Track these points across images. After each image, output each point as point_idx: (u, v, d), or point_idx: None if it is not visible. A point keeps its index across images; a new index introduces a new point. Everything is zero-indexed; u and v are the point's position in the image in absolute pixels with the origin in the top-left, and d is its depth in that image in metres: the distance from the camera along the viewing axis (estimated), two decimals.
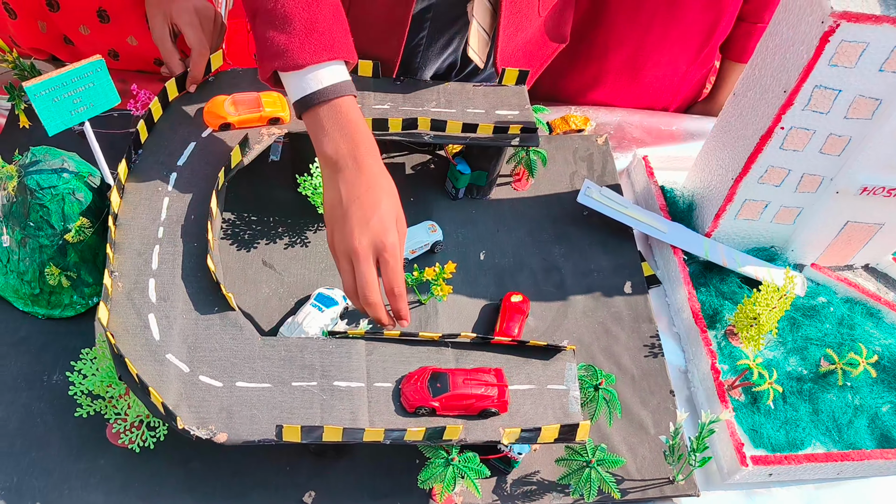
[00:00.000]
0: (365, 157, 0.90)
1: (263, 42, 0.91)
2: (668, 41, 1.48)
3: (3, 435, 0.94)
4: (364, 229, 0.87)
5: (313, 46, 0.89)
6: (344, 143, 0.90)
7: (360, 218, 0.87)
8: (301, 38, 0.89)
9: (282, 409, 0.87)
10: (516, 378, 0.95)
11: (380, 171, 0.91)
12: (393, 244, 0.89)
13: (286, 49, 0.89)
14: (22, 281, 1.00)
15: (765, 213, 1.23)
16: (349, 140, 0.90)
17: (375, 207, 0.88)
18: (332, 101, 0.91)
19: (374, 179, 0.90)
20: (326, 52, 0.90)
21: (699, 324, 1.16)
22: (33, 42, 1.34)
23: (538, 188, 1.32)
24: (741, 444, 1.04)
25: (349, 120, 0.91)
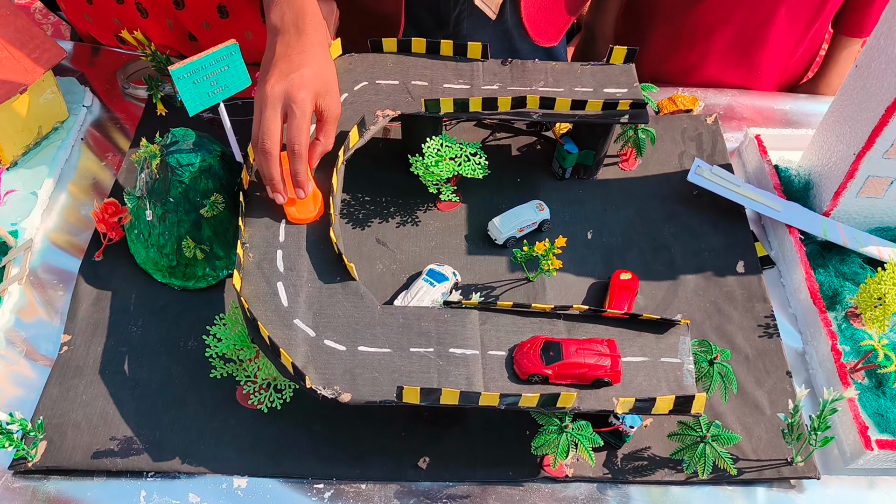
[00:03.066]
0: (307, 27, 0.91)
1: None
2: (776, 18, 1.42)
3: (147, 394, 1.02)
4: (280, 79, 0.87)
5: None
6: (290, 12, 0.91)
7: (281, 70, 0.88)
8: None
9: (401, 373, 0.90)
10: (629, 350, 0.95)
11: (320, 40, 0.92)
12: (303, 98, 0.87)
13: None
14: (161, 254, 1.08)
15: (890, 191, 1.17)
16: (295, 9, 0.91)
17: (301, 66, 0.88)
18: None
19: (311, 47, 0.90)
20: None
21: (818, 304, 1.12)
22: (162, 39, 1.44)
23: (646, 168, 1.31)
24: (865, 426, 1.00)
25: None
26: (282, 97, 0.87)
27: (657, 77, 1.54)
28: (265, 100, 0.87)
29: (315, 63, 0.89)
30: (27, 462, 0.95)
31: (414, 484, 0.98)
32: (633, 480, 0.98)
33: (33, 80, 1.16)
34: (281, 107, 0.87)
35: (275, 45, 0.91)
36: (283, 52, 0.89)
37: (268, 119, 0.87)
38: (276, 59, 0.89)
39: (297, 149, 0.89)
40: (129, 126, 1.34)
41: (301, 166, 0.90)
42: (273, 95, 0.86)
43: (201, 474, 0.97)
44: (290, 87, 0.87)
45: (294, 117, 0.88)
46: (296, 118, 0.88)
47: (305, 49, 0.90)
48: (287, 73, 0.87)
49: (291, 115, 0.88)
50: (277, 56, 0.89)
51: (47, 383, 1.02)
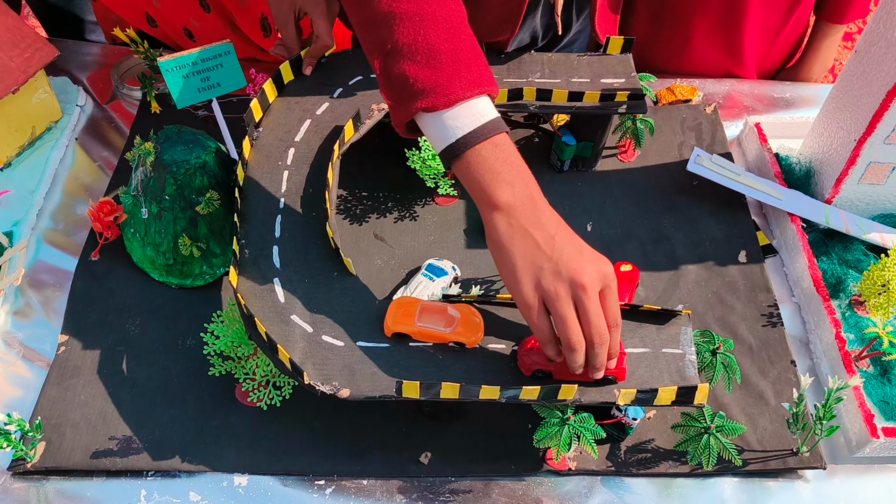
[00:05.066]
0: (541, 197, 0.81)
1: (403, 80, 0.79)
2: (757, 2, 1.40)
3: (146, 393, 1.01)
4: (583, 262, 0.78)
5: (463, 80, 0.78)
6: (519, 184, 0.80)
7: (572, 252, 0.78)
8: (449, 71, 0.77)
9: (400, 368, 0.89)
10: (630, 342, 0.94)
11: (552, 208, 0.82)
12: (612, 272, 0.80)
13: (435, 85, 0.77)
14: (158, 252, 1.08)
15: (892, 177, 1.16)
16: (522, 180, 0.80)
17: (578, 240, 0.80)
18: (493, 139, 0.80)
19: (558, 217, 0.81)
20: (476, 85, 0.79)
21: (821, 292, 1.11)
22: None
23: (645, 159, 1.30)
24: (871, 415, 0.99)
25: (514, 156, 0.81)
26: (599, 281, 0.79)
27: (639, 66, 1.51)
28: (586, 290, 0.78)
29: (573, 233, 0.81)
30: (26, 463, 0.94)
31: (416, 479, 0.97)
32: (637, 473, 0.97)
33: (25, 79, 1.16)
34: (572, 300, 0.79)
35: (523, 227, 0.79)
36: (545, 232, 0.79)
37: (599, 312, 0.79)
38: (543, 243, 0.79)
39: (619, 321, 0.83)
40: (124, 124, 1.33)
41: (618, 336, 0.83)
42: (591, 282, 0.78)
43: (201, 473, 0.96)
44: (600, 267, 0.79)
45: (613, 294, 0.81)
46: (614, 294, 0.81)
47: (559, 223, 0.81)
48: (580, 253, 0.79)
49: (610, 293, 0.80)
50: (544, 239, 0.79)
51: (45, 384, 1.01)
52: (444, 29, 0.78)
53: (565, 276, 0.78)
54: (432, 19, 0.78)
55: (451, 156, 0.80)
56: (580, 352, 0.81)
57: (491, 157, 0.79)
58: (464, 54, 0.79)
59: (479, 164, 0.79)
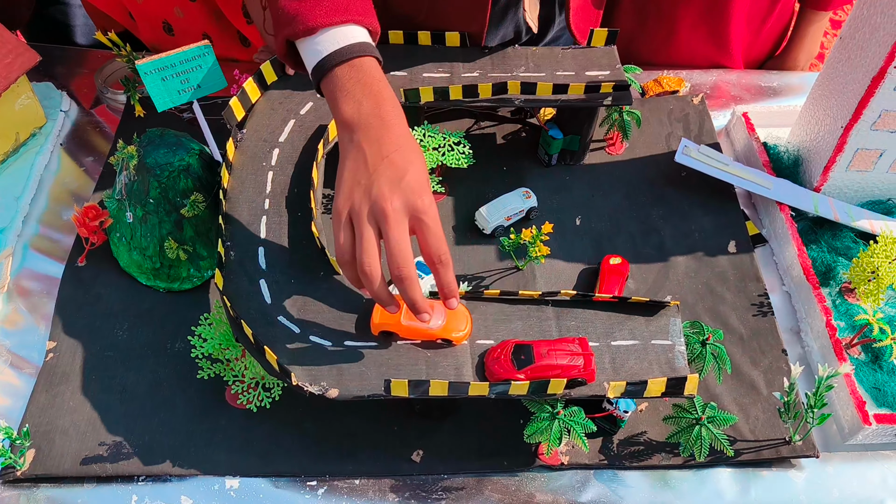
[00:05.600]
0: (392, 116, 0.81)
1: (276, 13, 0.85)
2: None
3: (135, 398, 1.01)
4: (396, 188, 0.76)
5: (325, 9, 0.82)
6: (367, 102, 0.80)
7: (390, 177, 0.77)
8: (312, 1, 0.82)
9: (389, 367, 0.89)
10: (619, 334, 0.94)
11: (408, 132, 0.82)
12: (431, 204, 0.78)
13: (297, 13, 0.82)
14: (144, 256, 1.07)
15: (879, 163, 1.16)
16: (373, 98, 0.80)
17: (408, 166, 0.78)
18: (352, 61, 0.82)
19: (404, 139, 0.80)
20: (339, 14, 0.82)
21: (811, 280, 1.10)
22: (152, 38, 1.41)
23: (633, 151, 1.30)
24: (863, 402, 0.99)
25: (373, 78, 0.81)
26: (405, 210, 0.77)
27: (625, 60, 1.51)
28: (387, 218, 0.76)
29: (416, 158, 0.79)
30: (16, 471, 0.94)
31: (408, 477, 0.96)
32: (630, 466, 0.97)
33: (7, 85, 1.15)
34: (407, 221, 0.77)
35: (359, 142, 0.79)
36: (378, 152, 0.78)
37: (398, 238, 0.76)
38: (371, 162, 0.78)
39: (445, 257, 0.80)
40: (109, 129, 1.32)
41: (451, 275, 0.81)
42: (395, 211, 0.76)
43: (193, 476, 0.95)
44: (411, 198, 0.77)
45: (429, 228, 0.78)
46: (430, 228, 0.78)
47: (401, 145, 0.79)
48: (398, 181, 0.76)
49: (425, 227, 0.78)
50: (373, 159, 0.78)
51: (34, 391, 1.01)
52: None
53: (373, 198, 0.77)
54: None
55: (316, 79, 0.84)
56: (371, 277, 0.79)
57: (345, 77, 0.81)
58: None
59: (334, 83, 0.82)
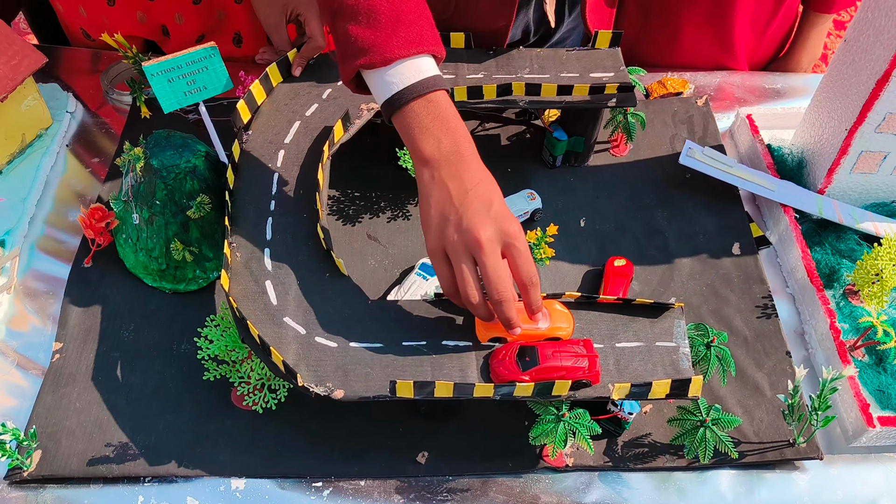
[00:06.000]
0: (469, 152, 0.84)
1: (346, 39, 0.84)
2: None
3: (141, 399, 1.01)
4: (486, 218, 0.80)
5: (401, 40, 0.83)
6: (446, 139, 0.83)
7: (479, 207, 0.80)
8: (388, 31, 0.83)
9: (394, 368, 0.89)
10: (623, 336, 0.94)
11: (483, 166, 0.85)
12: (520, 231, 0.82)
13: (372, 44, 0.82)
14: (150, 257, 1.08)
15: (884, 166, 1.16)
16: (450, 134, 0.84)
17: (492, 196, 0.82)
18: (427, 96, 0.84)
19: (482, 173, 0.84)
20: (415, 45, 0.84)
21: (815, 282, 1.11)
22: (130, 30, 1.41)
23: (637, 153, 1.30)
24: (867, 404, 0.99)
25: (448, 114, 0.84)
26: (497, 239, 0.81)
27: (630, 58, 1.51)
28: (481, 248, 0.80)
29: (497, 191, 0.83)
30: (23, 471, 0.94)
31: (413, 479, 0.97)
32: (635, 467, 0.97)
33: (13, 87, 1.15)
34: (500, 249, 0.82)
35: (442, 179, 0.82)
36: (461, 187, 0.82)
37: (495, 266, 0.81)
38: (457, 198, 0.81)
39: (535, 279, 0.85)
40: (115, 130, 1.33)
41: (538, 295, 0.86)
42: (488, 240, 0.80)
43: (198, 477, 0.96)
44: (501, 226, 0.81)
45: (521, 253, 0.82)
46: (522, 253, 0.83)
47: (482, 178, 0.83)
48: (487, 211, 0.81)
49: (516, 252, 0.82)
50: (458, 194, 0.81)
51: (40, 392, 1.01)
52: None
53: (465, 230, 0.80)
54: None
55: (389, 111, 0.85)
56: (476, 305, 0.84)
57: (422, 113, 0.83)
58: (405, 15, 0.83)
59: (411, 119, 0.84)
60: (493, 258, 0.81)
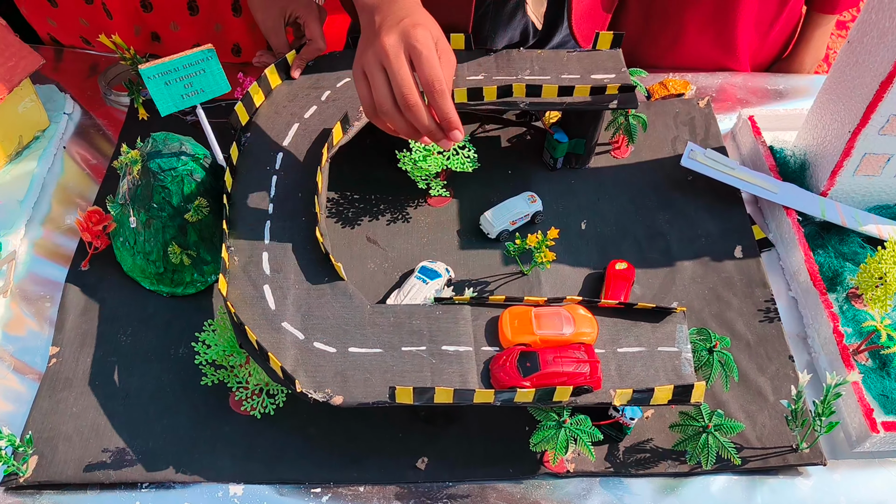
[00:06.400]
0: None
1: None
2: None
3: (139, 403, 1.00)
4: (392, 28, 0.80)
5: None
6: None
7: (390, 24, 0.81)
8: None
9: (393, 373, 0.88)
10: (625, 341, 0.93)
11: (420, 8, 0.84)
12: (425, 35, 0.80)
13: None
14: (148, 261, 1.07)
15: (887, 168, 1.15)
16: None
17: (407, 13, 0.82)
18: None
19: (412, 7, 0.83)
20: None
21: (818, 286, 1.10)
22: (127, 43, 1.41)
23: (639, 155, 1.29)
24: (870, 409, 0.98)
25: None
26: (400, 43, 0.79)
27: (632, 60, 1.50)
28: (385, 54, 0.79)
29: (420, 10, 0.83)
30: (18, 478, 0.93)
31: (413, 485, 0.96)
32: (636, 473, 0.97)
33: (10, 88, 1.14)
34: (404, 53, 0.80)
35: (371, 15, 0.83)
36: (385, 18, 0.82)
37: (400, 71, 0.79)
38: (377, 23, 0.81)
39: (439, 86, 0.80)
40: (112, 132, 1.32)
41: (447, 104, 0.81)
42: (391, 46, 0.79)
43: (196, 483, 0.95)
44: (403, 31, 0.79)
45: (421, 56, 0.79)
46: (423, 56, 0.79)
47: (410, 10, 0.83)
48: (397, 22, 0.80)
49: (417, 55, 0.79)
50: (379, 21, 0.81)
51: (37, 397, 1.00)
52: None
53: (376, 45, 0.81)
54: None
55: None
56: (388, 113, 0.83)
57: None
58: None
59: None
60: (395, 63, 0.80)
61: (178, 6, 1.35)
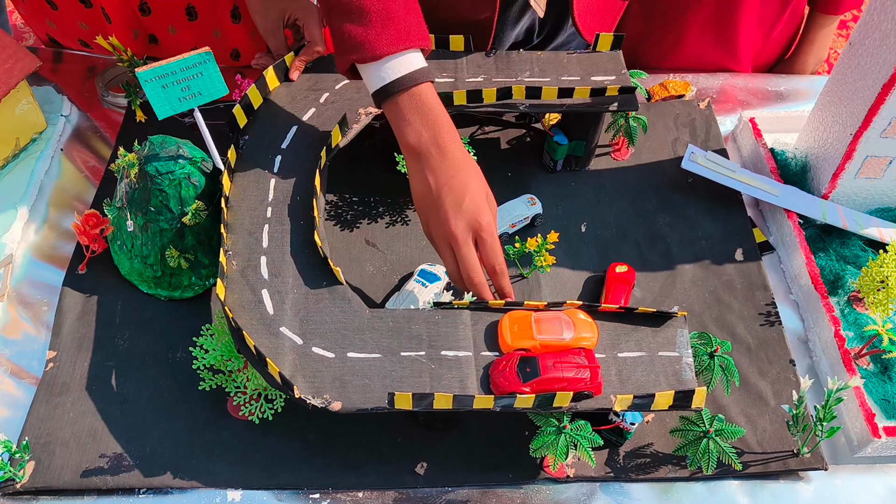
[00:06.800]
0: (448, 143, 0.92)
1: (340, 35, 0.93)
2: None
3: (136, 408, 0.99)
4: (458, 212, 0.89)
5: (390, 37, 0.91)
6: (426, 131, 0.91)
7: (452, 202, 0.90)
8: (377, 29, 0.91)
9: (392, 379, 0.88)
10: (626, 346, 0.93)
11: (463, 154, 0.93)
12: (488, 223, 0.91)
13: (363, 41, 0.91)
14: (145, 264, 1.06)
15: (889, 171, 1.14)
16: (431, 127, 0.92)
17: (465, 190, 0.90)
18: (411, 90, 0.92)
19: (459, 163, 0.91)
20: (402, 41, 0.91)
21: (819, 289, 1.09)
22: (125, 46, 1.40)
23: (639, 157, 1.28)
24: (872, 414, 0.98)
25: (429, 107, 0.92)
26: (468, 230, 0.90)
27: (632, 65, 1.49)
28: (455, 240, 0.90)
29: (471, 179, 0.92)
30: (15, 484, 0.93)
31: (412, 490, 0.95)
32: (636, 478, 0.96)
33: (7, 90, 1.14)
34: (471, 239, 0.91)
35: (422, 171, 0.91)
36: (439, 180, 0.90)
37: (465, 256, 0.91)
38: (435, 190, 0.90)
39: (500, 268, 0.93)
40: (110, 134, 1.31)
41: (506, 282, 0.95)
42: (460, 232, 0.90)
43: (194, 489, 0.94)
44: (470, 219, 0.90)
45: (485, 243, 0.91)
46: (487, 244, 0.91)
47: (458, 169, 0.91)
48: (459, 205, 0.90)
49: (482, 242, 0.91)
50: (436, 187, 0.90)
51: (34, 401, 1.00)
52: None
53: (442, 222, 0.91)
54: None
55: (378, 102, 0.94)
56: (456, 281, 0.94)
57: (406, 106, 0.92)
58: (393, 12, 0.91)
59: (396, 111, 0.93)
60: (464, 248, 0.91)
61: (177, 11, 1.34)
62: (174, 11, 1.34)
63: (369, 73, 0.93)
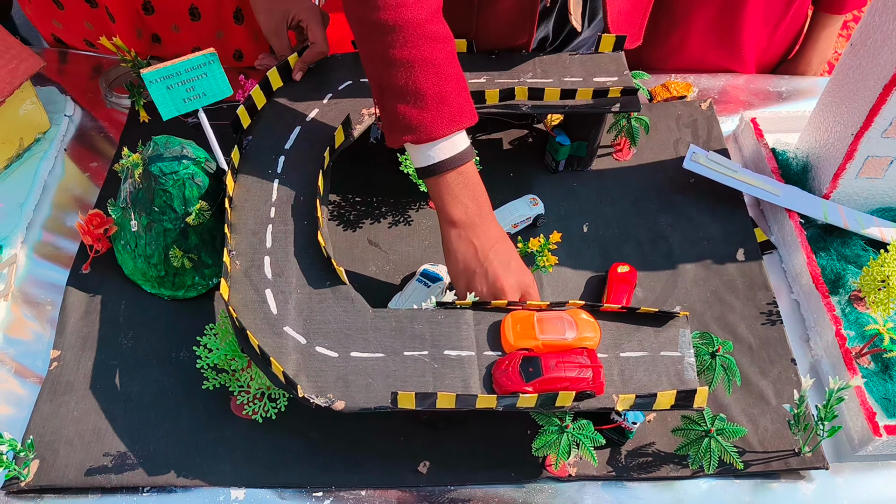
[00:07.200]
0: (489, 215, 0.99)
1: (394, 115, 0.95)
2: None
3: (140, 408, 1.00)
4: (507, 272, 0.97)
5: (444, 120, 0.94)
6: (472, 204, 0.98)
7: (500, 263, 0.97)
8: (433, 112, 0.94)
9: (395, 378, 0.88)
10: (628, 345, 0.93)
11: (498, 226, 1.01)
12: (533, 282, 0.99)
13: (419, 124, 0.94)
14: (149, 264, 1.06)
15: (890, 171, 1.15)
16: (475, 201, 0.98)
17: (510, 254, 0.98)
18: (459, 168, 0.97)
19: (500, 233, 1.00)
20: (455, 124, 0.95)
21: (820, 289, 1.09)
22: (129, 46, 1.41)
23: (641, 157, 1.29)
24: (873, 413, 0.98)
25: (474, 183, 0.99)
26: (517, 287, 0.97)
27: (638, 62, 1.50)
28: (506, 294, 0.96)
29: (512, 248, 1.00)
30: (20, 482, 0.93)
31: (415, 489, 0.96)
32: (638, 477, 0.96)
33: (10, 91, 1.14)
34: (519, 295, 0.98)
35: (469, 238, 0.97)
36: (485, 245, 0.97)
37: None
38: (482, 253, 0.97)
39: None
40: (114, 134, 1.32)
41: None
42: (511, 288, 0.96)
43: (197, 487, 0.95)
44: (519, 278, 0.98)
45: (533, 299, 0.98)
46: (533, 299, 0.98)
47: (500, 237, 0.99)
48: (507, 265, 0.97)
49: (530, 298, 0.98)
50: (483, 251, 0.97)
51: (38, 400, 1.00)
52: (431, 73, 0.93)
53: (491, 281, 0.96)
54: (422, 65, 0.92)
55: (424, 175, 0.98)
56: None
57: (453, 183, 0.97)
58: (447, 94, 0.94)
59: (444, 187, 0.97)
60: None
61: (180, 12, 1.34)
62: (177, 12, 1.34)
63: (419, 150, 0.96)
